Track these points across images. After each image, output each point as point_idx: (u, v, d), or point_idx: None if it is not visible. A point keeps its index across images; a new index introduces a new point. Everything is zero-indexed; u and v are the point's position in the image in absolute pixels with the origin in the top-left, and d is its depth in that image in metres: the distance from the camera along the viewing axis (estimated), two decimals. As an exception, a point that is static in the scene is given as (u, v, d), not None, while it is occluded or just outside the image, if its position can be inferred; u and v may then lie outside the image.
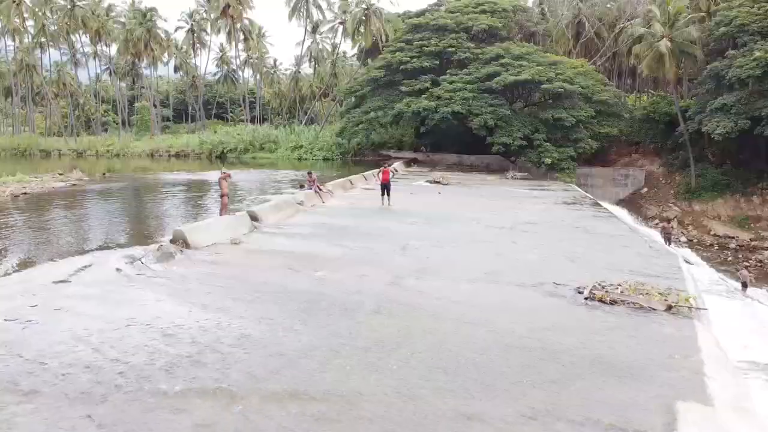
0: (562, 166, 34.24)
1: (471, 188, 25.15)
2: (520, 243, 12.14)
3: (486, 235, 13.12)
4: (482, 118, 34.90)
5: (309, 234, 12.67)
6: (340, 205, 17.69)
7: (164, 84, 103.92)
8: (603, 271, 9.64)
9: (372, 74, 42.26)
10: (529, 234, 13.29)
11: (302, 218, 14.86)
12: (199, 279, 8.44)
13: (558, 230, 14.04)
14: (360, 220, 14.85)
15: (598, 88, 37.09)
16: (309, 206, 16.71)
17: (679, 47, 36.21)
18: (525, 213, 16.99)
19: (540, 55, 37.96)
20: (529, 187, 26.81)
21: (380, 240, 12.15)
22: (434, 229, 13.71)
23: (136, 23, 61.06)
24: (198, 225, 11.19)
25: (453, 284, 8.69)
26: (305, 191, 17.72)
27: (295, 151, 52.24)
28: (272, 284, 8.30)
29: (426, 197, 20.94)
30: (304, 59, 75.57)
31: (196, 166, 49.81)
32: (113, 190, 24.72)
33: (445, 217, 15.81)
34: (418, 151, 48.15)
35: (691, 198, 38.41)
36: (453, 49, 39.41)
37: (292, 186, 25.70)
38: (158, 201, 21.97)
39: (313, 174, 18.16)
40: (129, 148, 63.35)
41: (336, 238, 12.17)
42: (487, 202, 19.60)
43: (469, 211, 17.14)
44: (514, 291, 8.41)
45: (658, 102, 43.01)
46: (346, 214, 15.85)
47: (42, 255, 12.02)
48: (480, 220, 15.41)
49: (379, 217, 15.67)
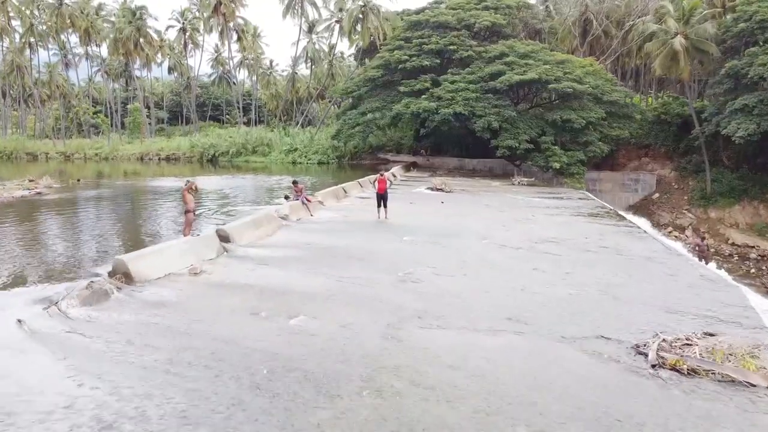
0: (571, 170, 32.16)
1: (476, 196, 23.04)
2: (543, 270, 10.03)
3: (500, 259, 11.01)
4: (486, 119, 32.83)
5: (289, 258, 10.54)
6: (331, 219, 15.58)
7: (159, 86, 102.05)
8: (657, 314, 7.54)
9: (369, 74, 40.16)
10: (551, 257, 11.17)
11: (284, 236, 12.73)
12: (128, 334, 6.30)
13: (584, 251, 11.93)
14: (351, 238, 12.73)
15: (608, 87, 35.03)
16: (294, 220, 14.60)
17: (695, 44, 34.21)
18: (541, 227, 14.89)
19: (547, 53, 35.91)
20: (539, 194, 24.72)
21: (374, 266, 10.03)
22: (438, 251, 11.59)
23: (126, 22, 58.92)
24: (147, 251, 9.05)
25: (468, 337, 6.57)
26: (290, 203, 15.61)
27: (290, 155, 50.14)
28: (225, 342, 6.17)
29: (427, 207, 18.84)
30: (300, 60, 73.55)
31: (187, 170, 47.70)
32: (78, 200, 22.31)
33: (450, 232, 13.69)
34: (418, 154, 46.12)
35: (706, 204, 36.39)
36: (454, 47, 37.35)
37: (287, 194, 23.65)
38: (122, 215, 19.50)
39: (299, 183, 16.04)
40: (118, 151, 61.19)
41: (321, 264, 10.05)
42: (496, 214, 17.48)
43: (476, 225, 15.03)
44: (550, 349, 6.29)
45: (670, 103, 41.03)
46: (336, 231, 13.73)
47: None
48: (490, 236, 13.30)
49: (374, 233, 13.55)
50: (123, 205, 22.32)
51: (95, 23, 64.26)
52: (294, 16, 56.35)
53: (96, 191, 26.17)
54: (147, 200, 23.81)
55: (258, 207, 19.92)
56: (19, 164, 57.28)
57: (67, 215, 18.26)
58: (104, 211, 20.00)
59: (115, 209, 20.75)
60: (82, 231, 15.00)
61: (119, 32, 59.18)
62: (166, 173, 43.16)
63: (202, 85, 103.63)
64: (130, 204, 22.40)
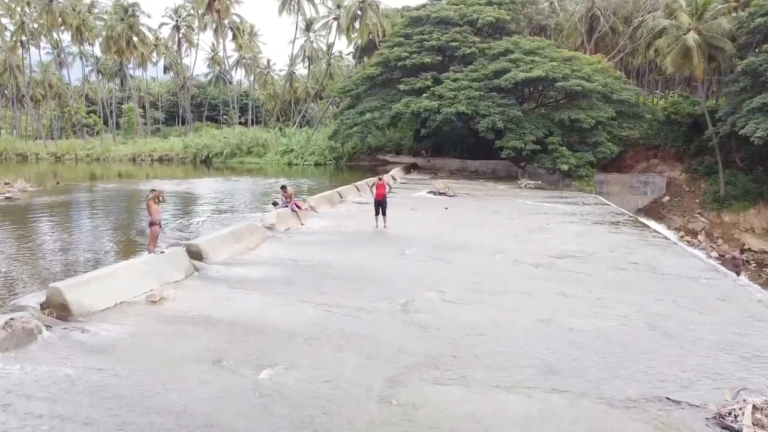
0: (580, 173, 30.60)
1: (481, 201, 21.47)
2: (571, 295, 8.46)
3: (519, 279, 9.45)
4: (490, 119, 31.26)
5: (270, 280, 8.97)
6: (323, 228, 14.00)
7: (156, 86, 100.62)
8: (724, 358, 6.00)
9: (367, 72, 38.56)
10: (577, 277, 9.61)
11: (268, 250, 11.16)
12: (39, 403, 4.72)
13: (613, 269, 10.37)
14: (345, 252, 11.16)
15: (618, 86, 33.47)
16: (282, 231, 13.02)
17: (708, 41, 32.73)
18: (558, 239, 13.32)
19: (553, 50, 34.35)
20: (549, 198, 23.16)
21: (370, 290, 8.47)
22: (445, 269, 10.03)
23: (118, 19, 57.35)
24: (94, 275, 7.46)
25: (491, 398, 5.01)
26: (278, 210, 14.04)
27: (285, 156, 48.59)
28: (174, 414, 4.60)
29: (430, 214, 17.27)
30: (297, 59, 72.01)
31: (180, 171, 46.19)
32: (48, 206, 20.42)
33: (458, 245, 12.13)
34: (418, 155, 44.59)
35: (719, 208, 34.84)
36: (456, 43, 35.77)
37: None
38: (88, 225, 17.47)
39: (288, 188, 14.47)
40: (110, 152, 59.59)
41: (307, 287, 8.48)
42: (506, 222, 15.91)
43: (486, 236, 13.47)
44: (602, 420, 4.72)
45: (680, 102, 39.46)
46: (329, 243, 12.15)
47: None
48: (503, 250, 11.74)
49: (370, 246, 11.99)
50: (95, 212, 20.43)
51: (87, 21, 62.63)
52: (290, 13, 54.82)
53: (73, 196, 24.57)
54: (124, 206, 22.21)
55: (243, 215, 18.44)
56: (8, 165, 55.71)
57: (26, 225, 16.53)
58: (71, 219, 18.28)
59: (83, 218, 18.86)
60: (31, 246, 13.32)
61: (111, 30, 57.61)
62: (159, 175, 41.63)
63: (199, 85, 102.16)
64: (103, 211, 20.54)
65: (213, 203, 22.86)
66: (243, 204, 23.06)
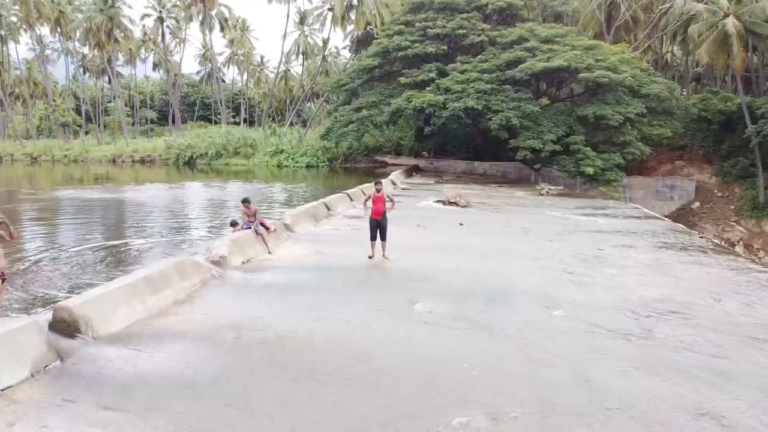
0: (607, 177, 26.76)
1: (503, 213, 17.55)
2: (719, 413, 4.59)
3: (611, 374, 5.55)
4: (503, 115, 27.40)
5: (183, 381, 5.06)
6: (298, 261, 10.06)
7: (149, 84, 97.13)
8: None
9: (364, 63, 34.61)
10: (699, 361, 5.73)
11: (204, 306, 7.23)
12: None
13: (748, 339, 6.49)
14: (323, 309, 7.24)
15: (647, 78, 29.63)
16: (236, 265, 9.11)
17: (748, 27, 28.98)
18: (629, 276, 9.44)
19: (573, 37, 30.47)
20: (582, 209, 19.25)
21: (359, 406, 4.58)
22: (484, 346, 6.14)
23: (97, 10, 53.36)
24: None
25: None
26: (236, 234, 10.13)
27: (275, 157, 44.65)
28: None
29: (442, 233, 13.39)
30: (291, 55, 68.09)
31: (162, 173, 42.33)
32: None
33: (491, 290, 8.25)
34: (420, 156, 40.75)
35: (759, 216, 31.12)
36: (464, 31, 31.90)
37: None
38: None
39: (252, 204, 10.51)
40: (89, 153, 55.64)
41: (244, 399, 4.59)
42: (546, 247, 12.00)
43: (527, 271, 9.60)
44: None
45: (710, 98, 35.63)
46: (301, 289, 8.21)
47: None
48: (561, 300, 7.86)
49: (363, 294, 8.08)
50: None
51: (66, 13, 58.64)
52: (281, 2, 50.82)
53: (9, 206, 20.67)
54: (54, 224, 18.24)
55: (191, 239, 14.62)
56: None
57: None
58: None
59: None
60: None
61: (90, 21, 53.64)
62: (139, 178, 37.75)
63: (191, 83, 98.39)
64: (25, 230, 16.29)
65: (163, 218, 18.50)
66: (204, 219, 18.87)
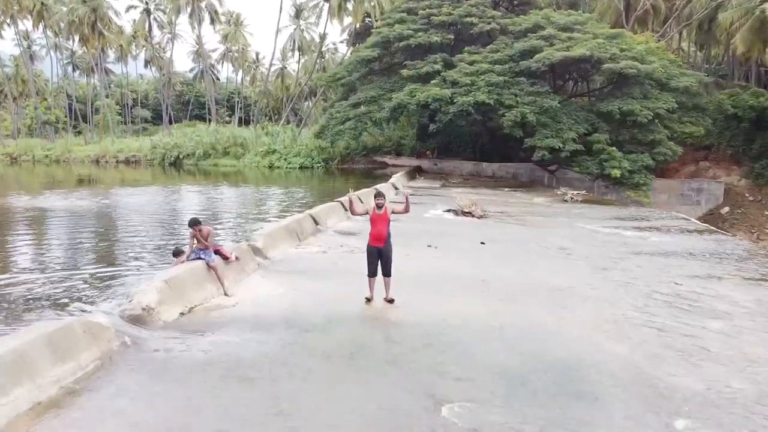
0: (635, 180, 23.80)
1: (530, 228, 14.49)
2: None
3: None
4: (518, 111, 24.43)
5: None
6: (264, 306, 6.99)
7: (144, 83, 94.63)
8: None
9: (363, 54, 31.54)
10: None
11: (79, 417, 4.19)
12: None
13: None
14: (286, 422, 4.20)
15: (676, 71, 26.66)
16: (169, 319, 6.08)
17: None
18: (750, 335, 6.44)
19: (595, 25, 27.49)
20: (620, 220, 16.22)
21: None
22: None
23: (79, 1, 50.34)
24: None
25: None
26: (177, 269, 7.08)
27: (267, 157, 41.64)
28: None
29: (461, 257, 10.33)
30: (287, 51, 65.16)
31: (147, 175, 39.30)
32: None
33: (553, 368, 5.25)
34: (422, 156, 37.70)
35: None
36: (472, 18, 28.91)
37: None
38: None
39: (204, 227, 7.42)
40: (72, 153, 52.67)
41: None
42: (603, 279, 8.95)
43: (595, 327, 6.57)
44: None
45: (739, 93, 32.63)
46: (255, 375, 5.15)
47: None
48: (667, 389, 4.85)
49: (355, 387, 5.03)
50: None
51: (48, 5, 55.62)
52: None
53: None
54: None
55: (121, 274, 11.59)
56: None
57: None
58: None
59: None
60: None
61: (73, 13, 50.65)
62: (121, 179, 34.74)
63: (185, 82, 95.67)
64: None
65: (98, 237, 14.33)
66: (157, 239, 14.48)
